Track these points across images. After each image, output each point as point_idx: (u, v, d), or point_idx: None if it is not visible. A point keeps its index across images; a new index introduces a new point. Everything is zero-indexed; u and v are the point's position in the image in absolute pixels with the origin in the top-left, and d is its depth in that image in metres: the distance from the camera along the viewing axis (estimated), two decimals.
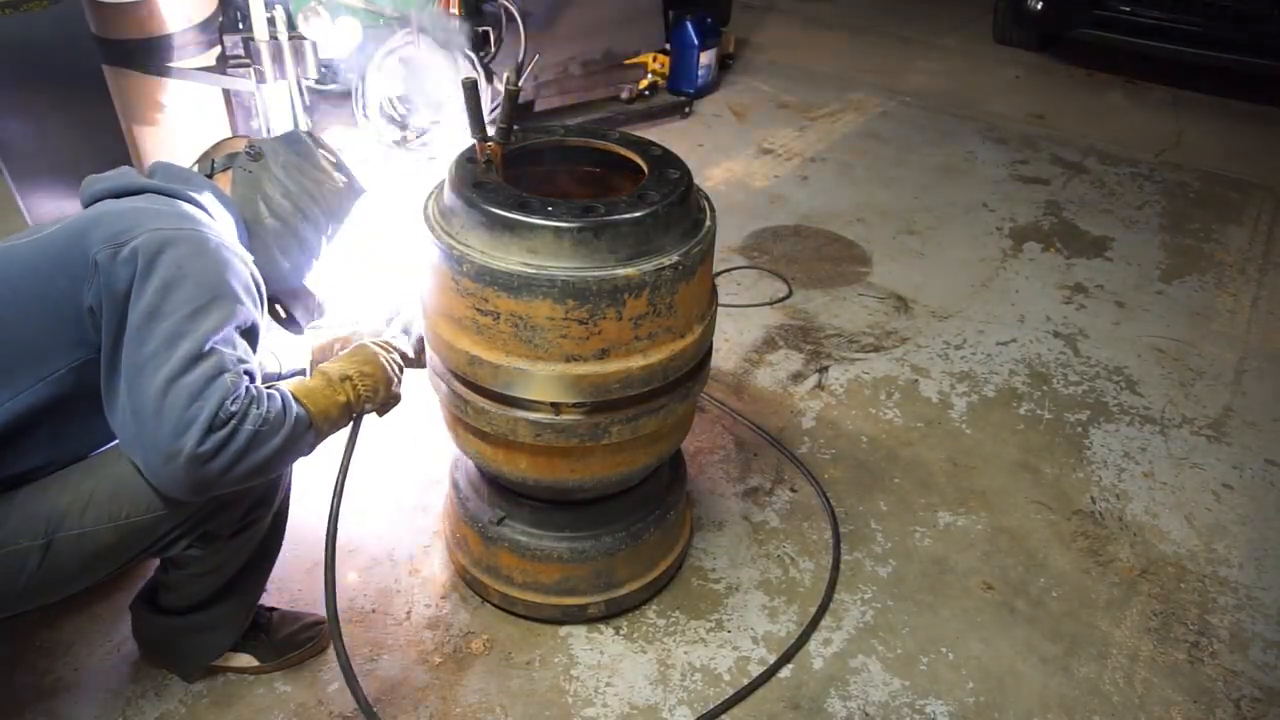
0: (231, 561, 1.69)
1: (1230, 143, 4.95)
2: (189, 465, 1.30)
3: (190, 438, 1.30)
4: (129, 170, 1.65)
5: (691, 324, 1.69)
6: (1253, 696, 1.97)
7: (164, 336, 1.34)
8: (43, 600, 1.49)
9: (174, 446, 1.30)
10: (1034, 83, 5.69)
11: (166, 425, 1.30)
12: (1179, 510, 2.47)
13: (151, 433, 1.31)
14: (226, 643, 1.82)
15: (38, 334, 1.41)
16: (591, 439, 1.68)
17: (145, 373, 1.33)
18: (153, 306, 1.36)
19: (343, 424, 1.62)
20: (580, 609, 1.99)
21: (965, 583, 2.21)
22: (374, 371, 1.66)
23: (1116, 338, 3.21)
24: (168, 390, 1.31)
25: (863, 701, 1.91)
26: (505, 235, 1.53)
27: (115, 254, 1.38)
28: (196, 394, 1.32)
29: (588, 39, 4.43)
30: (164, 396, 1.31)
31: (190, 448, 1.30)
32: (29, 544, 1.40)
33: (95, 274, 1.38)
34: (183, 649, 1.82)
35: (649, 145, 1.80)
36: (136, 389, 1.33)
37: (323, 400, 1.55)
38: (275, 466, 1.44)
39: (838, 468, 2.54)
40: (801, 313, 3.23)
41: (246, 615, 1.82)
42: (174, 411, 1.30)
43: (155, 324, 1.35)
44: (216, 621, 1.77)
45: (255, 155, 1.74)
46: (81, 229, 1.44)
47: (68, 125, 3.07)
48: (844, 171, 4.37)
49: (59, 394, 1.43)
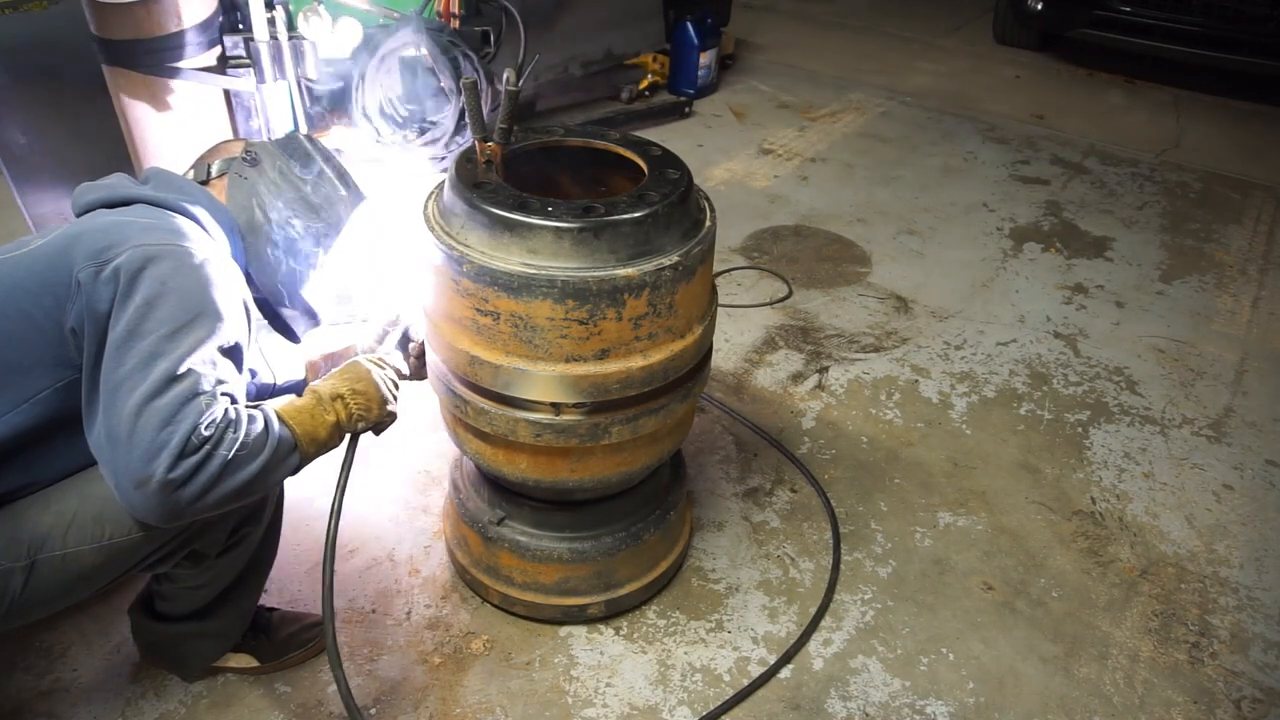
0: (223, 576, 1.68)
1: (1230, 143, 4.95)
2: (160, 492, 1.26)
3: (161, 463, 1.25)
4: (122, 178, 1.61)
5: (691, 324, 1.69)
6: (1253, 697, 1.97)
7: (141, 357, 1.31)
8: (30, 618, 1.46)
9: (145, 472, 1.26)
10: (1034, 83, 5.69)
11: (138, 450, 1.26)
12: (1179, 511, 2.47)
13: (124, 457, 1.27)
14: (225, 647, 1.84)
15: (22, 354, 1.38)
16: (591, 439, 1.68)
17: (120, 394, 1.29)
18: (132, 326, 1.32)
19: (333, 445, 1.57)
20: (580, 609, 1.99)
21: (965, 583, 2.21)
22: (367, 389, 1.61)
23: (1117, 338, 3.21)
24: (140, 413, 1.27)
25: (863, 702, 1.91)
26: (505, 235, 1.53)
27: (98, 273, 1.35)
28: (169, 418, 1.27)
29: (588, 39, 4.43)
30: (136, 420, 1.27)
31: (161, 474, 1.25)
32: (11, 565, 1.37)
33: (78, 293, 1.35)
34: (181, 653, 1.83)
35: (649, 145, 1.80)
36: (111, 411, 1.29)
37: (309, 422, 1.50)
38: (256, 490, 1.39)
39: (838, 468, 2.54)
40: (801, 313, 3.23)
41: (243, 621, 1.83)
42: (145, 435, 1.26)
43: (133, 343, 1.32)
44: (213, 628, 1.78)
45: (252, 161, 1.68)
46: (65, 245, 1.40)
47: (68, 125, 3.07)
48: (844, 171, 4.37)
49: (43, 414, 1.40)
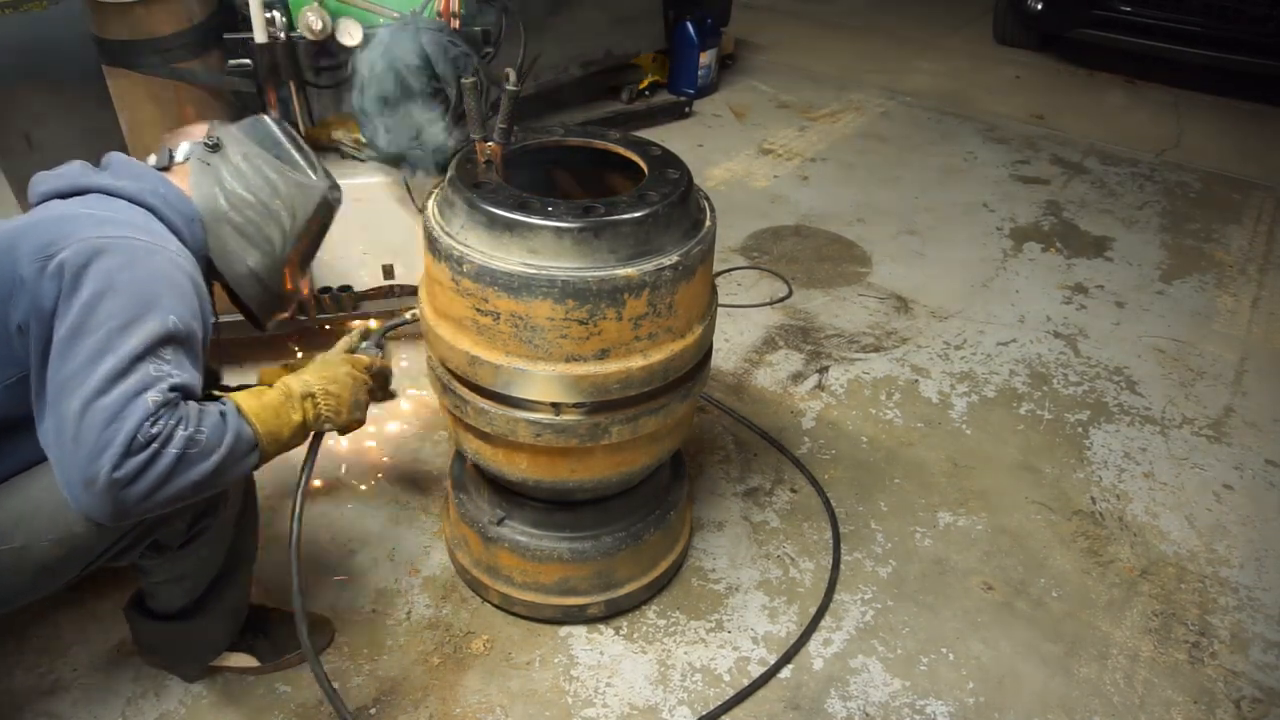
0: (200, 570, 1.67)
1: (1230, 143, 4.95)
2: (106, 490, 1.23)
3: (105, 462, 1.22)
4: (77, 166, 1.55)
5: (691, 324, 1.69)
6: (1253, 697, 1.97)
7: (87, 354, 1.27)
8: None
9: (90, 472, 1.22)
10: (1034, 83, 5.69)
11: (84, 449, 1.23)
12: (1179, 511, 2.47)
13: (70, 456, 1.24)
14: (220, 646, 1.83)
15: None
16: (591, 439, 1.68)
17: (65, 393, 1.26)
18: (78, 322, 1.28)
19: (295, 444, 1.52)
20: (580, 609, 1.99)
21: (965, 583, 2.21)
22: (339, 392, 1.57)
23: (1117, 338, 3.21)
24: (85, 412, 1.24)
25: (863, 702, 1.91)
26: (505, 235, 1.53)
27: (43, 268, 1.30)
28: (114, 415, 1.23)
29: (588, 39, 4.42)
30: (81, 418, 1.24)
31: (106, 473, 1.22)
32: None
33: (22, 290, 1.32)
34: (178, 651, 1.83)
35: (649, 145, 1.80)
36: (57, 410, 1.26)
37: (274, 420, 1.45)
38: (211, 487, 1.36)
39: (838, 468, 2.54)
40: (801, 313, 3.23)
41: (235, 620, 1.82)
42: (90, 434, 1.23)
43: (79, 340, 1.27)
44: (204, 627, 1.77)
45: (214, 146, 1.61)
46: (12, 240, 1.36)
47: (67, 125, 3.07)
48: (844, 171, 4.37)
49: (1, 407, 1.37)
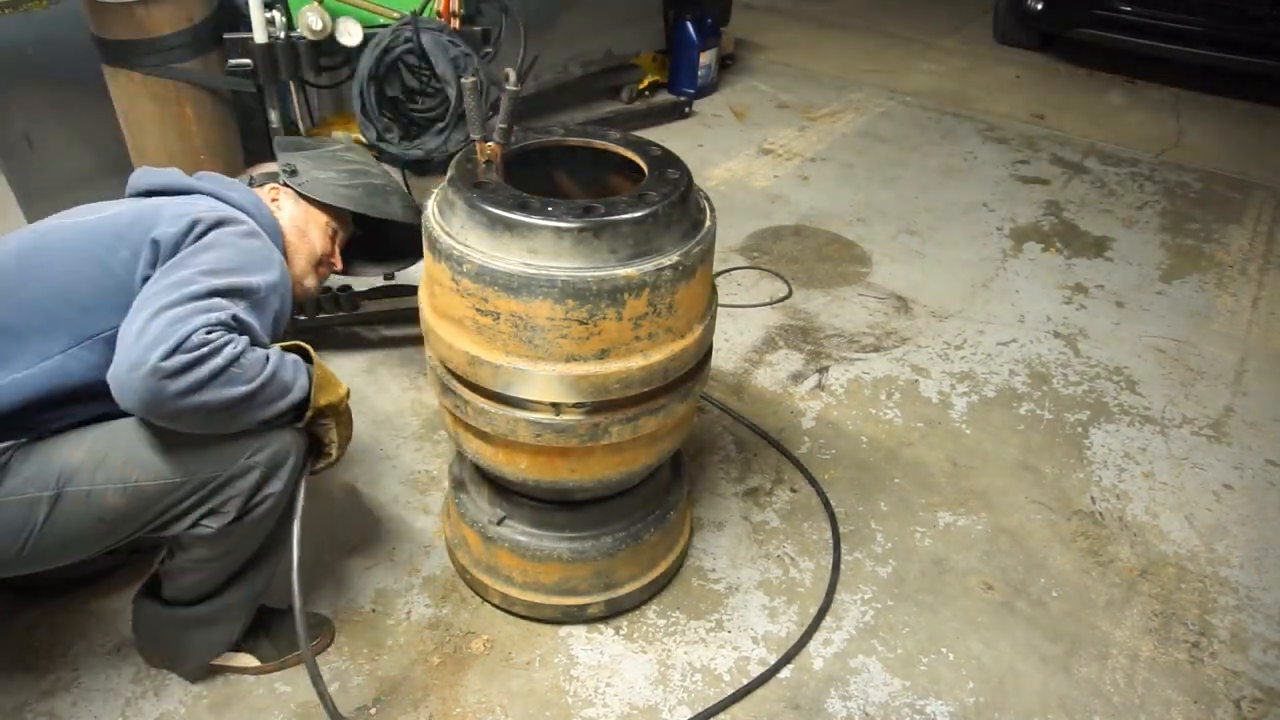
0: (238, 550, 1.67)
1: (1230, 143, 4.95)
2: (149, 376, 1.33)
3: (158, 351, 1.33)
4: (179, 171, 1.78)
5: (691, 324, 1.69)
6: (1253, 697, 1.97)
7: (176, 279, 1.44)
8: (43, 564, 1.52)
9: (141, 357, 1.33)
10: (1034, 83, 5.69)
11: (144, 340, 1.35)
12: (1179, 510, 2.47)
13: (130, 348, 1.35)
14: (229, 639, 1.81)
15: (90, 294, 1.51)
16: (591, 439, 1.68)
17: (147, 304, 1.40)
18: (182, 258, 1.49)
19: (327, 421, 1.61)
20: (580, 609, 1.99)
21: (965, 583, 2.21)
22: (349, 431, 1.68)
23: (1117, 338, 3.21)
24: (156, 315, 1.37)
25: (863, 702, 1.91)
26: (505, 235, 1.53)
27: (176, 227, 1.53)
28: (178, 319, 1.37)
29: (588, 39, 4.42)
30: (151, 320, 1.37)
31: (154, 360, 1.32)
32: (38, 494, 1.45)
33: (155, 249, 1.52)
34: (184, 644, 1.79)
35: (649, 145, 1.80)
36: (135, 317, 1.39)
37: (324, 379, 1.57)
38: (241, 414, 1.45)
39: (838, 468, 2.54)
40: (801, 313, 3.23)
41: (250, 611, 1.80)
42: (154, 330, 1.35)
43: (175, 271, 1.46)
44: (219, 615, 1.76)
45: (291, 171, 1.93)
46: (150, 211, 1.59)
47: (67, 125, 3.07)
48: (844, 171, 4.37)
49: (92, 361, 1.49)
